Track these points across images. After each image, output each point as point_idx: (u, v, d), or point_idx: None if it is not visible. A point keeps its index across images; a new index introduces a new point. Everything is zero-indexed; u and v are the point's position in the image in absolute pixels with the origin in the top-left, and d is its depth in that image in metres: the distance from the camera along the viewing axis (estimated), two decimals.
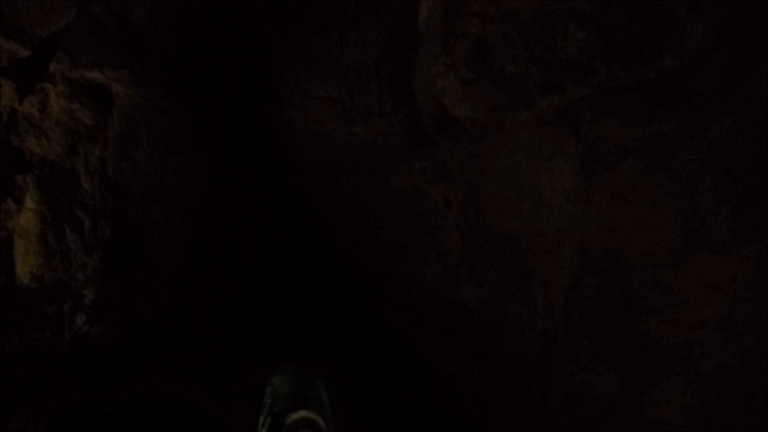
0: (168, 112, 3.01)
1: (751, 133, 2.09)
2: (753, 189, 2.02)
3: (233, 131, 3.37)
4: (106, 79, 2.65)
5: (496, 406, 2.96)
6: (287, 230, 4.18)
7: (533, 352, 2.56)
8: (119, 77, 2.68)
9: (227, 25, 2.94)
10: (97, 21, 2.48)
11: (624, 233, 2.09)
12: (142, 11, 2.58)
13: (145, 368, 3.14)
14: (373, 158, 3.44)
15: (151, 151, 2.99)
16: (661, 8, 2.17)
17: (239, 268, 3.99)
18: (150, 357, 3.14)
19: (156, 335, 3.24)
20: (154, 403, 3.19)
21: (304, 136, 3.13)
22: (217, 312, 3.73)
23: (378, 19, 2.70)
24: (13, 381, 2.49)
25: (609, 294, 2.10)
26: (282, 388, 3.16)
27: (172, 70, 2.88)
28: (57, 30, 2.35)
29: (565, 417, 2.32)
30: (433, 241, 3.52)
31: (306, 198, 3.99)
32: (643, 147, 2.18)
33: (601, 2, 2.22)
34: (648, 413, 1.96)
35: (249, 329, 4.03)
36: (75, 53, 2.50)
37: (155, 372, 3.19)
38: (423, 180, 3.42)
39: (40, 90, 2.46)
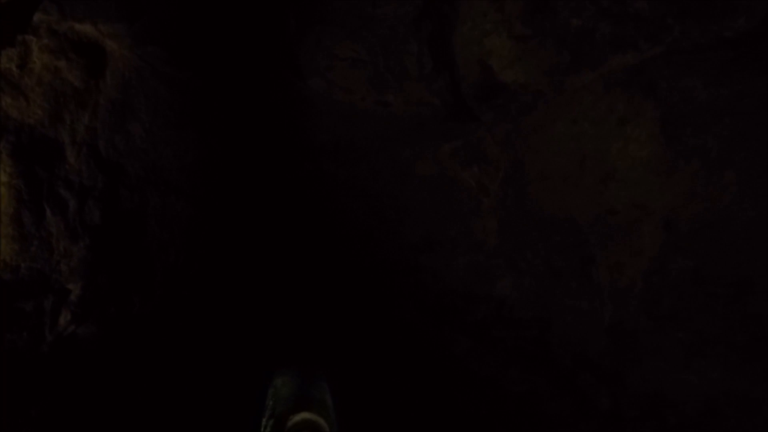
0: (169, 79, 2.63)
1: None
2: None
3: (242, 105, 2.99)
4: (99, 34, 2.26)
5: (546, 412, 2.61)
6: (297, 222, 3.81)
7: (598, 350, 2.23)
8: (114, 33, 2.29)
9: None
10: None
11: (723, 203, 1.78)
12: None
13: (141, 373, 2.72)
14: (399, 138, 3.09)
15: (149, 124, 2.60)
16: None
17: (244, 264, 3.60)
18: (147, 360, 2.73)
19: (154, 336, 2.82)
20: (150, 408, 2.80)
21: (324, 110, 2.76)
22: (220, 310, 3.34)
23: None
24: None
25: (710, 275, 1.78)
26: (284, 389, 2.99)
27: (176, 30, 2.51)
28: None
29: (650, 423, 1.99)
30: (464, 230, 3.18)
31: (319, 186, 3.62)
32: (739, 105, 1.87)
33: None
34: None
35: (254, 328, 3.66)
36: (64, 2, 2.12)
37: (152, 376, 2.78)
38: (453, 162, 3.08)
39: (20, 42, 2.06)
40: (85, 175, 2.31)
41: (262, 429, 3.16)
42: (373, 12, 2.32)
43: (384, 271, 3.86)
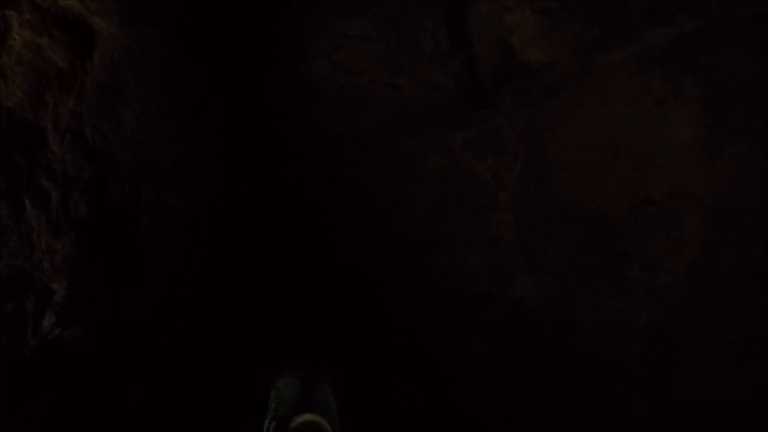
0: (162, 63, 2.44)
1: None
2: None
3: (241, 93, 2.81)
4: (85, 10, 2.08)
5: (570, 421, 2.42)
6: (299, 218, 3.62)
7: (632, 354, 2.03)
8: (102, 9, 2.11)
9: None
10: None
11: None
12: None
13: (137, 377, 2.53)
14: (408, 128, 2.90)
15: (141, 111, 2.41)
16: None
17: (244, 262, 3.41)
18: (143, 364, 2.54)
19: (150, 338, 2.63)
20: (148, 413, 2.62)
21: (329, 96, 2.58)
22: (219, 311, 3.14)
23: None
24: None
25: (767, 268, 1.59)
26: (287, 391, 2.93)
27: (169, 9, 2.33)
28: None
29: None
30: (478, 226, 2.98)
31: (322, 180, 3.43)
32: None
33: None
34: None
35: (255, 330, 3.47)
36: None
37: (149, 380, 2.59)
38: (467, 154, 2.89)
39: (0, 18, 1.88)
40: (69, 165, 2.12)
41: (265, 431, 3.05)
42: None
43: (391, 270, 3.67)
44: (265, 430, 2.84)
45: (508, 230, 2.79)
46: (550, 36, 2.05)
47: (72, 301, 2.21)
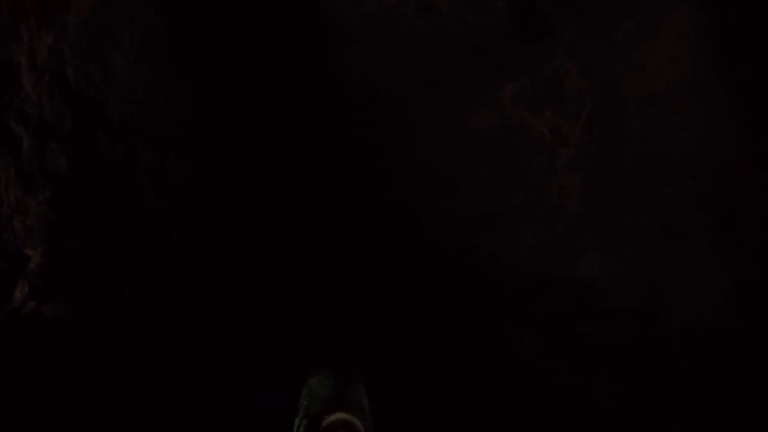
0: (161, 2, 2.13)
1: None
2: None
3: (253, 38, 2.46)
4: None
5: None
6: (324, 195, 3.26)
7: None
8: None
9: None
10: None
11: None
12: None
13: (131, 368, 2.21)
14: (449, 78, 2.46)
15: (136, 55, 2.10)
16: None
17: (264, 244, 3.07)
18: (140, 354, 2.21)
19: (149, 326, 2.30)
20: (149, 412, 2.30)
21: (353, 35, 2.19)
22: (235, 300, 2.80)
23: None
24: None
25: None
26: (319, 389, 2.89)
27: None
28: None
29: None
30: (534, 195, 2.48)
31: (348, 149, 3.03)
32: None
33: None
34: None
35: (277, 321, 3.14)
36: None
37: (154, 374, 2.26)
38: (519, 108, 2.41)
39: None
40: (46, 109, 1.82)
41: (296, 429, 2.92)
42: None
43: (430, 256, 3.23)
44: (295, 427, 2.71)
45: (571, 197, 2.27)
46: None
47: (51, 272, 1.90)
